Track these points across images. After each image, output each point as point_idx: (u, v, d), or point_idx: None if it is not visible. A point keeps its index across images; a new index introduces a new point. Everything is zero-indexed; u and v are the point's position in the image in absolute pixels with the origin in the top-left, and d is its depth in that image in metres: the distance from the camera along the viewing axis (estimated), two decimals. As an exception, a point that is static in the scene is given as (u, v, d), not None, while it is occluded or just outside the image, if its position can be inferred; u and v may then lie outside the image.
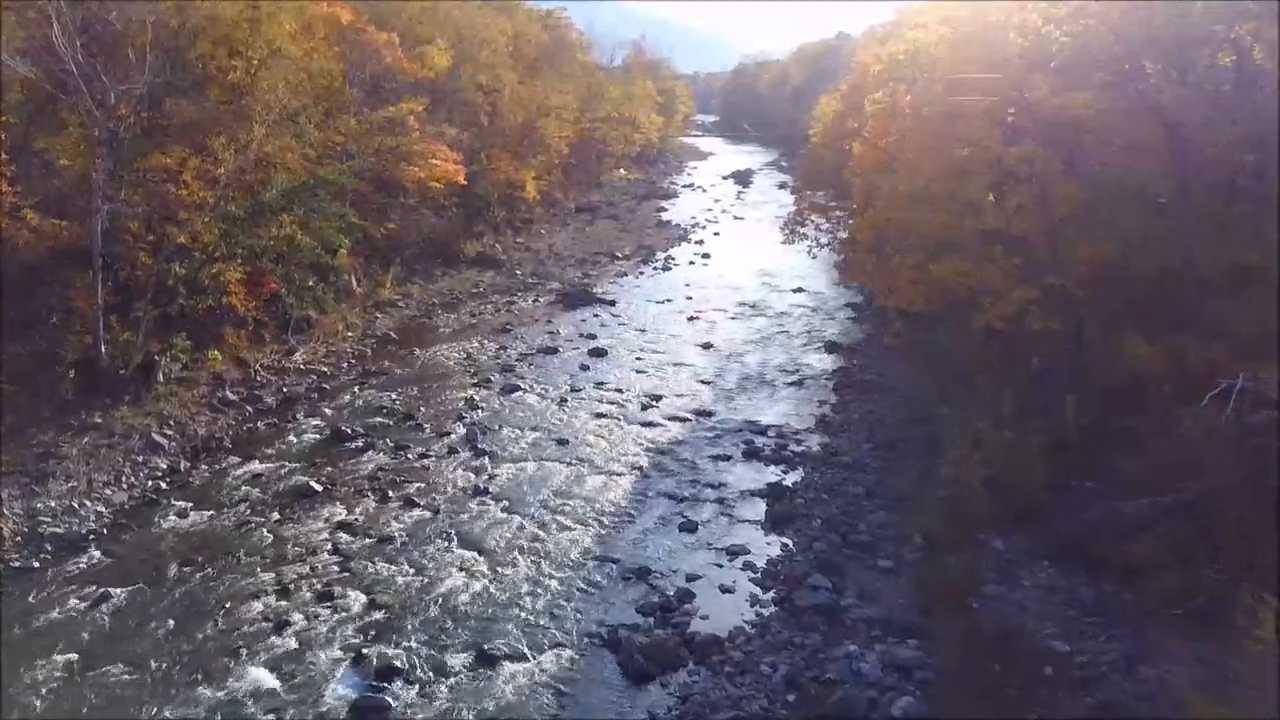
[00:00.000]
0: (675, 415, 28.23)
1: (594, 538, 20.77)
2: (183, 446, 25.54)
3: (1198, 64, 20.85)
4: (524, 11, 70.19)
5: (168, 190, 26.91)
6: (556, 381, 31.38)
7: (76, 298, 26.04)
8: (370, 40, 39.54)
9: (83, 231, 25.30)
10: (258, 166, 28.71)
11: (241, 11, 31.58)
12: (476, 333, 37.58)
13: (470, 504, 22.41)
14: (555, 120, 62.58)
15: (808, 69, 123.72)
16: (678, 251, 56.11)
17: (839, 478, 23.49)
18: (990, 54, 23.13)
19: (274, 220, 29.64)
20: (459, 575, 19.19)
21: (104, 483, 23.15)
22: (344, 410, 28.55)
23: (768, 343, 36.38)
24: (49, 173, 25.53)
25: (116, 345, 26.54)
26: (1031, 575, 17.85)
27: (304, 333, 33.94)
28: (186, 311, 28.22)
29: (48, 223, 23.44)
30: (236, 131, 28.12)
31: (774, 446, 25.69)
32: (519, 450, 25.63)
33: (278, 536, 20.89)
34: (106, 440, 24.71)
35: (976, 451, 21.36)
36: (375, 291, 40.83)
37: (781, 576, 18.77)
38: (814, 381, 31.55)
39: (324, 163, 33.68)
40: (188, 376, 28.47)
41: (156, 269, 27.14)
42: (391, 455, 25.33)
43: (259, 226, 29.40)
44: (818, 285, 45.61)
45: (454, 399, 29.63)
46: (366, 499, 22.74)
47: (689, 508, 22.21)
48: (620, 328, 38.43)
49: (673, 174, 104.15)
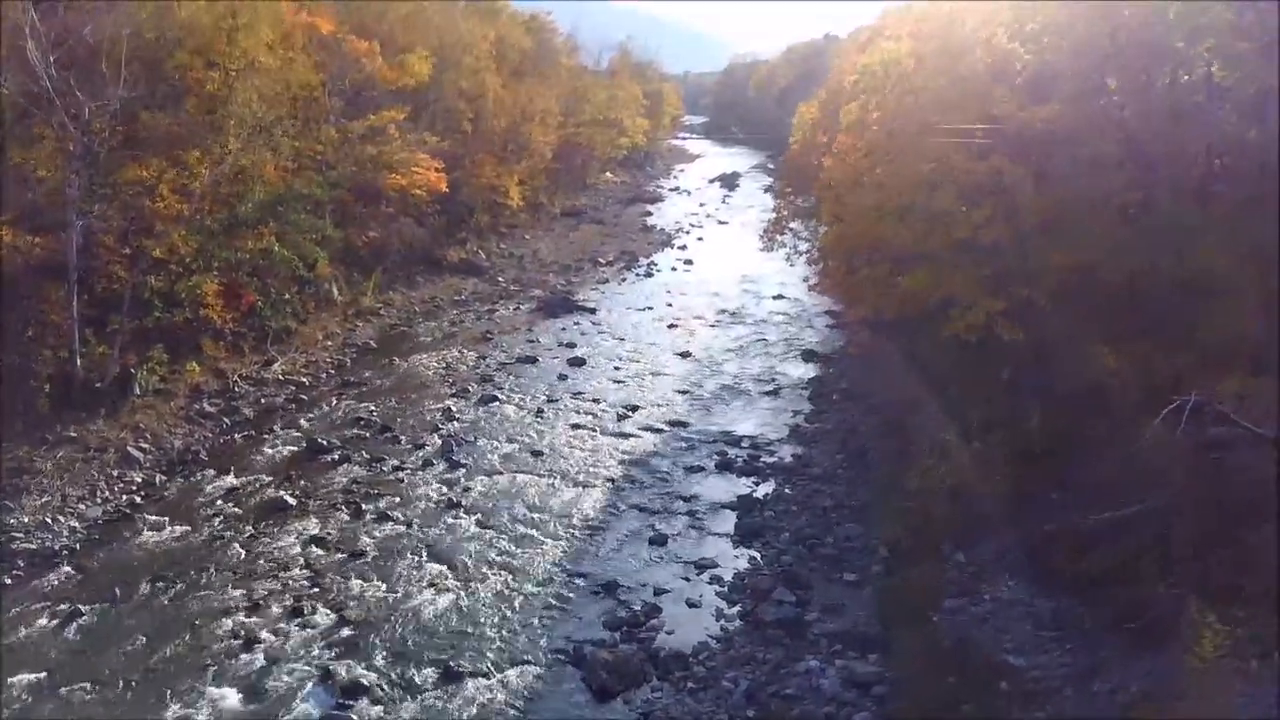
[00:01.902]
0: (651, 426, 28.43)
1: (564, 552, 20.96)
2: (158, 460, 25.65)
3: (1158, 81, 21.11)
4: (508, 15, 70.28)
5: (143, 203, 27.03)
6: (534, 392, 31.55)
7: (52, 311, 26.12)
8: (351, 49, 39.66)
9: (58, 246, 25.40)
10: (233, 179, 28.78)
11: (219, 21, 31.73)
12: (457, 341, 37.72)
13: (443, 518, 22.58)
14: (539, 125, 62.74)
15: (795, 71, 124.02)
16: (661, 257, 56.32)
17: (809, 489, 23.73)
18: (957, 69, 23.40)
19: (250, 233, 29.70)
20: (428, 591, 19.36)
21: (78, 497, 23.26)
22: (321, 422, 28.67)
23: (746, 351, 36.62)
24: (24, 187, 25.56)
25: (92, 358, 26.64)
26: (992, 588, 18.08)
27: (283, 343, 34.03)
28: (163, 324, 28.32)
29: (22, 239, 23.47)
30: (212, 144, 28.18)
31: (747, 458, 25.91)
32: (494, 462, 25.80)
33: (250, 552, 21.02)
34: (82, 454, 24.82)
35: (943, 462, 21.65)
36: (356, 300, 40.91)
37: (748, 590, 19.00)
38: (790, 391, 31.79)
39: (301, 174, 33.74)
40: (165, 388, 28.58)
41: (133, 282, 27.23)
42: (367, 468, 25.47)
43: (235, 239, 29.46)
44: (798, 291, 45.72)
45: (431, 410, 29.78)
46: (339, 513, 22.88)
47: (660, 520, 22.41)
48: (600, 336, 38.61)
49: (660, 177, 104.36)
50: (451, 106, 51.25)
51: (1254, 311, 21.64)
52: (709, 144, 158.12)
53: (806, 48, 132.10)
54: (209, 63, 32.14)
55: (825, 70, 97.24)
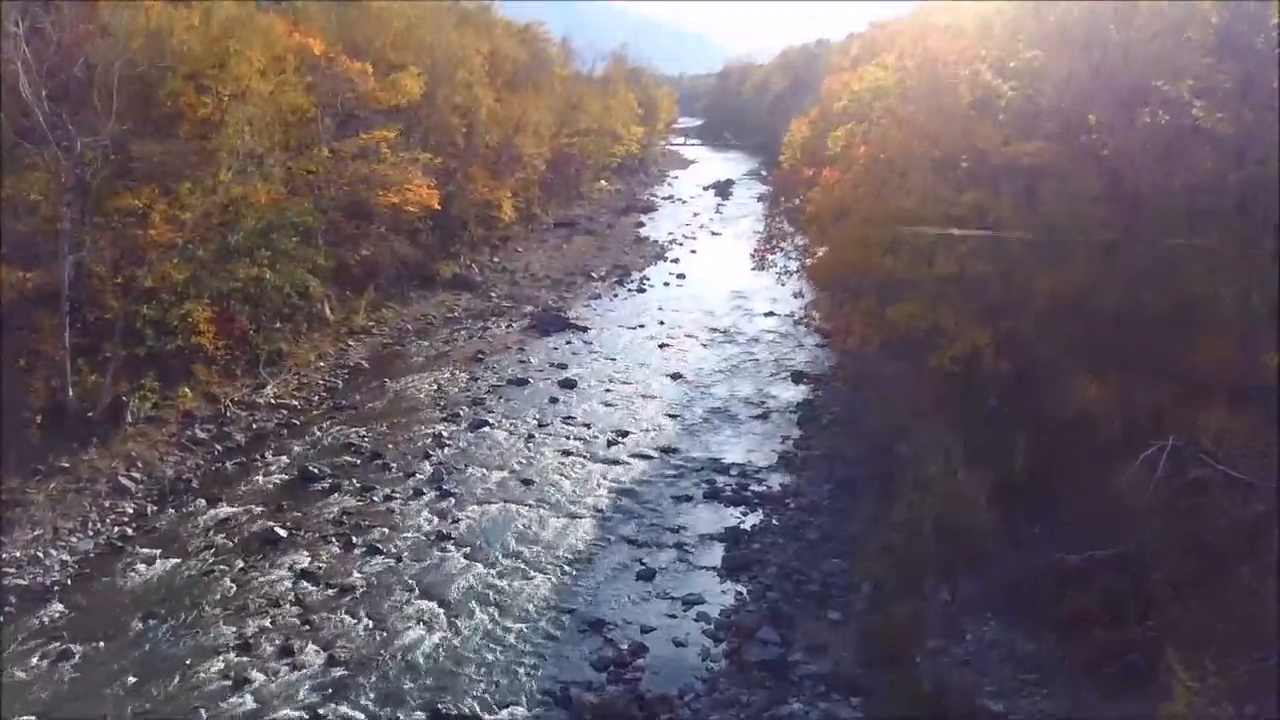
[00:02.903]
0: (640, 452, 28.63)
1: (552, 587, 21.16)
2: (150, 489, 25.78)
3: (1139, 120, 21.35)
4: (502, 27, 70.40)
5: (135, 232, 27.16)
6: (525, 416, 31.73)
7: (44, 341, 26.24)
8: (343, 69, 39.75)
9: (50, 277, 25.52)
10: (225, 208, 28.92)
11: (211, 47, 31.88)
12: (448, 362, 37.88)
13: (433, 551, 22.75)
14: (533, 136, 62.90)
15: (788, 77, 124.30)
16: (653, 271, 56.51)
17: (796, 520, 23.96)
18: (942, 103, 23.65)
19: (242, 261, 29.86)
20: (418, 629, 19.54)
21: (70, 530, 23.39)
22: (313, 448, 28.83)
23: (736, 372, 36.84)
24: (16, 218, 25.68)
25: (84, 387, 26.77)
26: (975, 627, 18.31)
27: (276, 365, 34.13)
28: (155, 352, 28.44)
29: (14, 274, 23.60)
30: (204, 175, 28.32)
31: (735, 486, 26.14)
32: (484, 491, 25.98)
33: (241, 586, 21.18)
34: (74, 485, 24.96)
35: (927, 495, 21.84)
36: (349, 318, 41.07)
37: (734, 628, 19.21)
38: (779, 415, 32.02)
39: (293, 199, 33.87)
40: (157, 415, 28.71)
41: (125, 311, 27.35)
42: (357, 497, 25.64)
43: (227, 268, 29.61)
44: (788, 307, 45.91)
45: (422, 435, 29.95)
46: (330, 545, 23.04)
47: (648, 553, 22.62)
48: (591, 356, 38.80)
49: (654, 185, 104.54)
50: (444, 121, 51.34)
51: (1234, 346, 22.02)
52: (703, 148, 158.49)
53: (799, 53, 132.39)
54: (201, 88, 32.28)
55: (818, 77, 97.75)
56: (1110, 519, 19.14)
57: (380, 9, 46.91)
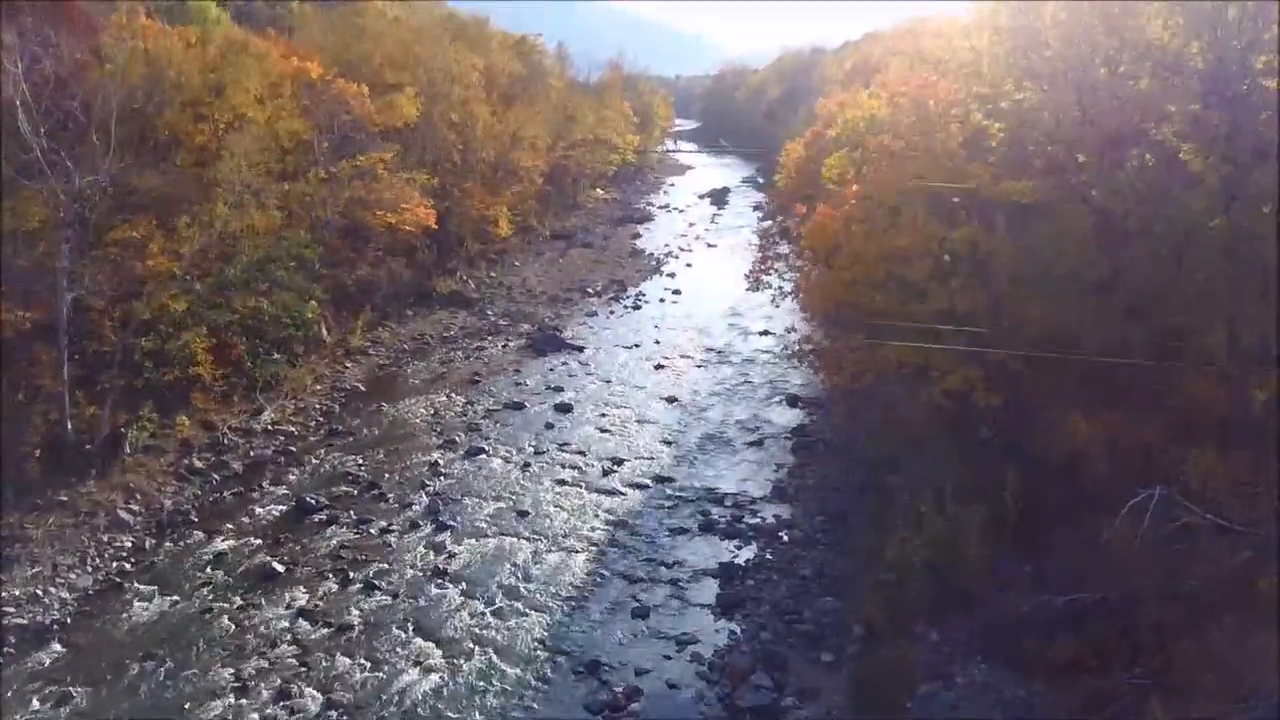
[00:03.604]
0: (636, 481, 28.84)
1: (548, 626, 21.36)
2: (148, 522, 25.96)
3: (1127, 162, 21.60)
4: (498, 40, 70.58)
5: (134, 265, 27.34)
6: (521, 443, 31.92)
7: (42, 375, 26.42)
8: (339, 92, 39.94)
9: (49, 313, 25.69)
10: (223, 240, 29.10)
11: (208, 77, 32.08)
12: (445, 384, 38.07)
13: (429, 587, 22.95)
14: (529, 150, 63.11)
15: (783, 84, 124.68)
16: (649, 286, 56.72)
17: (790, 555, 24.19)
18: (932, 142, 23.90)
19: (239, 293, 30.06)
20: (414, 670, 19.74)
21: (69, 566, 23.57)
22: (310, 477, 29.02)
23: (731, 395, 37.06)
24: (14, 253, 25.85)
25: (83, 419, 26.97)
26: (964, 671, 18.54)
27: (272, 389, 34.26)
28: (153, 383, 28.61)
29: (13, 313, 23.77)
30: (202, 208, 28.52)
31: (730, 518, 26.36)
32: (480, 523, 26.17)
33: (239, 625, 21.37)
34: (72, 519, 25.14)
35: (918, 534, 22.10)
36: (345, 339, 41.24)
37: (727, 670, 19.42)
38: (773, 441, 32.23)
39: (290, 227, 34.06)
40: (155, 445, 28.91)
41: (123, 343, 27.53)
42: (354, 529, 25.83)
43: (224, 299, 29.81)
44: (783, 325, 46.03)
45: (419, 463, 30.14)
46: (328, 581, 23.23)
47: (643, 590, 22.83)
48: (587, 378, 39.00)
49: (650, 193, 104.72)
50: (441, 139, 51.53)
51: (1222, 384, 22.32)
52: (699, 154, 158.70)
53: (794, 60, 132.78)
54: (198, 116, 32.50)
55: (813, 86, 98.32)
56: (1099, 560, 19.41)
57: (377, 28, 47.07)
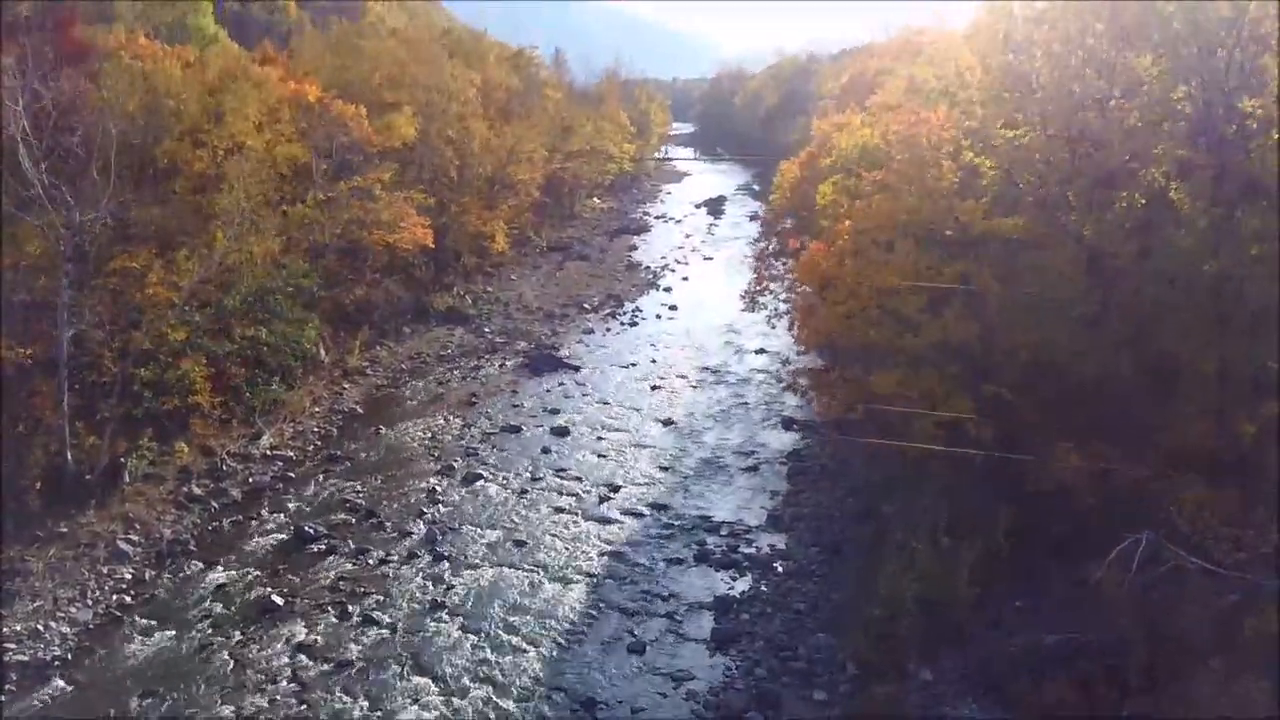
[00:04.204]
0: (632, 509, 29.06)
1: (545, 661, 21.58)
2: (148, 552, 26.12)
3: (1116, 203, 21.89)
4: (495, 54, 70.83)
5: (133, 295, 27.54)
6: (518, 468, 32.13)
7: (42, 406, 26.59)
8: (338, 114, 40.15)
9: (49, 344, 25.89)
10: (222, 271, 29.30)
11: (206, 104, 32.29)
12: (442, 406, 38.27)
13: (428, 621, 23.15)
14: (526, 164, 63.35)
15: (779, 91, 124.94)
16: (646, 301, 56.96)
17: (784, 587, 24.43)
18: (925, 179, 24.18)
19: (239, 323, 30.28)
20: (413, 708, 19.96)
21: (69, 599, 23.75)
22: (308, 505, 29.20)
23: (727, 418, 37.29)
24: (14, 288, 26.04)
25: (83, 450, 27.17)
26: (955, 711, 18.80)
27: (271, 413, 34.44)
28: (153, 411, 28.80)
29: (14, 349, 23.96)
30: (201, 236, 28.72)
31: (725, 548, 26.58)
32: (477, 554, 26.38)
33: (238, 661, 21.56)
34: (72, 551, 25.32)
35: (910, 569, 22.35)
36: (343, 359, 41.46)
37: (721, 709, 19.65)
38: (769, 466, 32.47)
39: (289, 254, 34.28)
40: (154, 472, 29.13)
41: (122, 373, 27.72)
42: (353, 560, 26.02)
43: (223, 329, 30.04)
44: (779, 344, 46.23)
45: (416, 490, 30.35)
46: (327, 614, 23.41)
47: (639, 623, 23.05)
48: (584, 399, 39.23)
49: (646, 201, 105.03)
50: (439, 155, 51.73)
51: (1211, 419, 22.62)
52: (696, 159, 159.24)
53: (790, 66, 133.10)
54: (197, 142, 32.70)
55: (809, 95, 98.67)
56: (1089, 599, 19.67)
57: (375, 49, 47.28)
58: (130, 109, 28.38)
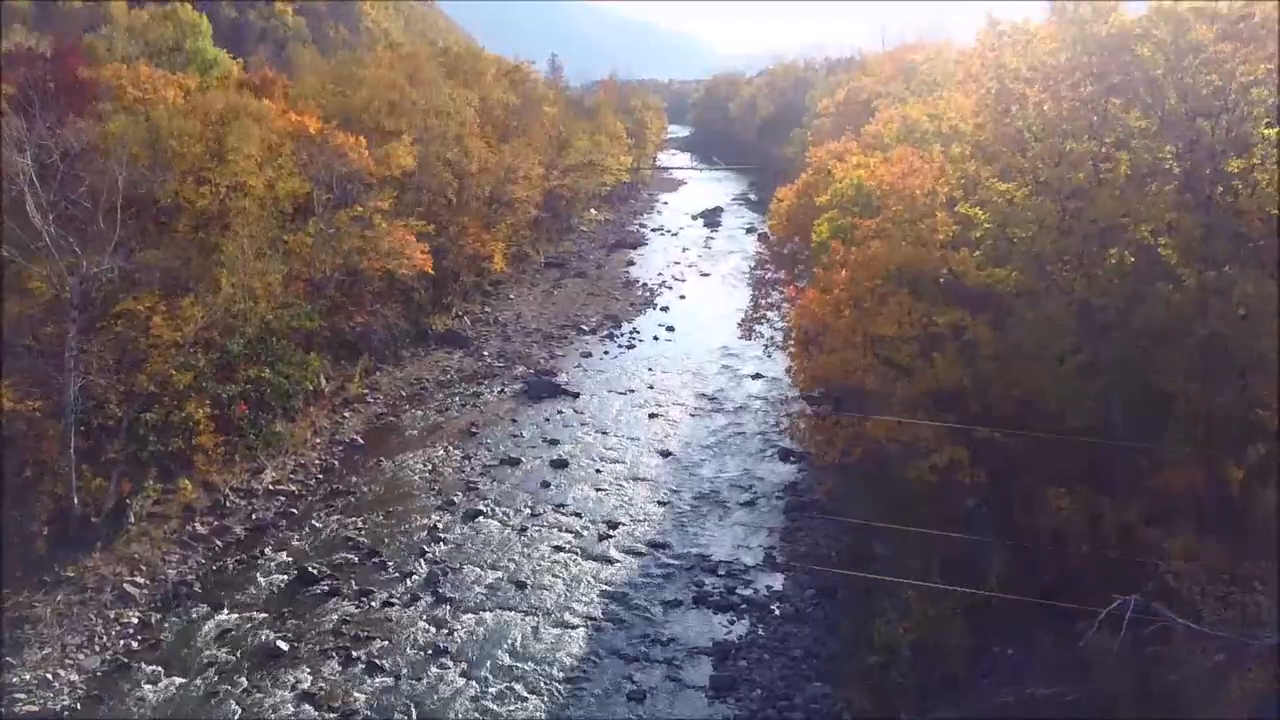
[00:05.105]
0: (630, 548, 29.46)
1: (547, 711, 21.98)
2: (153, 595, 26.48)
3: (1107, 257, 22.32)
4: (492, 70, 71.14)
5: (138, 340, 27.89)
6: (518, 503, 32.52)
7: (49, 450, 26.89)
8: (338, 145, 40.47)
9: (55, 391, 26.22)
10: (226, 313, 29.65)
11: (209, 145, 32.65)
12: (442, 436, 38.64)
13: (431, 667, 23.54)
14: (524, 182, 63.73)
15: (775, 101, 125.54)
16: (643, 321, 57.36)
17: (781, 632, 24.87)
18: (919, 230, 24.61)
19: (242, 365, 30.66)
20: (417, 761, 20.36)
21: (77, 646, 24.11)
22: (310, 543, 29.57)
23: (724, 447, 37.72)
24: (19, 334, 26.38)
25: (89, 492, 27.49)
26: (949, 765, 19.23)
27: (273, 445, 34.74)
28: (157, 453, 29.14)
29: (23, 403, 24.31)
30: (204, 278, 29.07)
31: (723, 589, 27.01)
32: (479, 596, 26.76)
33: (244, 710, 21.96)
34: (79, 595, 25.67)
35: (905, 617, 22.80)
36: (344, 386, 41.83)
37: (719, 763, 20.08)
38: (765, 500, 32.90)
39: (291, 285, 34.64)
40: (158, 511, 29.50)
41: (128, 416, 28.05)
42: (356, 602, 26.39)
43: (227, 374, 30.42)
44: (775, 369, 46.62)
45: (417, 527, 30.72)
46: (331, 660, 23.78)
47: (639, 670, 23.46)
48: (582, 429, 39.61)
49: (643, 213, 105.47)
50: (437, 178, 52.04)
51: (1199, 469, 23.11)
52: (692, 165, 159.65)
53: (785, 76, 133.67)
54: (199, 180, 33.06)
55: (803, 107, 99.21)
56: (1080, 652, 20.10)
57: (374, 77, 47.63)
58: (134, 151, 28.66)
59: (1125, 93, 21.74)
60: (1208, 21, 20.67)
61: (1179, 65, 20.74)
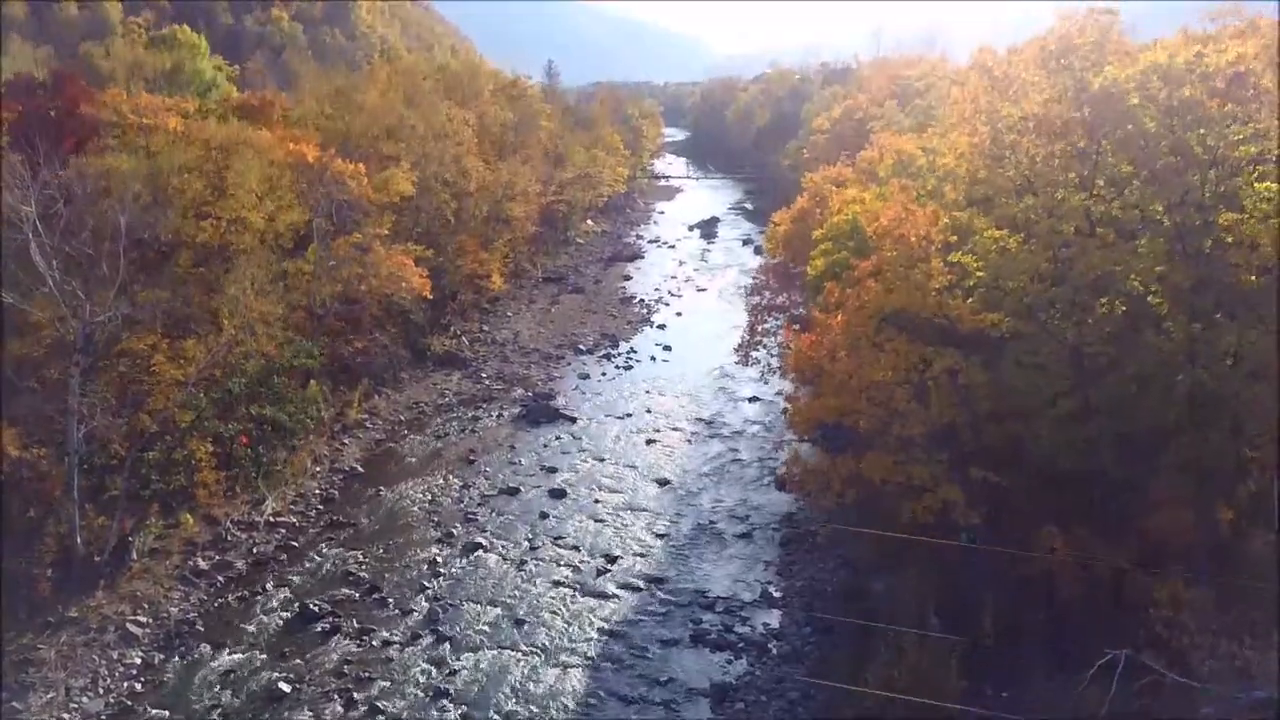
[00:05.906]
0: (628, 583, 29.73)
1: (546, 757, 22.27)
2: (156, 634, 26.70)
3: (1098, 307, 22.64)
4: (490, 87, 71.38)
5: (140, 380, 28.13)
6: (516, 535, 32.78)
7: (52, 490, 27.13)
8: (337, 173, 40.71)
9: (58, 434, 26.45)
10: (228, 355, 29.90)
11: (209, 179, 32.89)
12: (441, 464, 38.88)
13: (431, 711, 23.79)
14: (521, 198, 64.03)
15: (771, 109, 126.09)
16: (640, 340, 57.64)
17: (778, 673, 25.16)
18: (913, 275, 24.92)
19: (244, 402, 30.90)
20: (419, 810, 20.62)
21: (81, 689, 24.33)
22: (312, 577, 29.80)
23: (721, 476, 38.01)
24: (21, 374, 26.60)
25: (91, 531, 27.72)
26: (943, 815, 19.53)
27: (273, 476, 34.96)
28: (159, 491, 29.38)
29: (27, 450, 24.52)
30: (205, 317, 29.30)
31: (720, 627, 27.29)
32: (479, 633, 27.02)
33: (248, 757, 22.20)
34: (83, 636, 25.89)
35: (899, 661, 23.09)
36: (343, 412, 42.02)
37: (717, 812, 20.36)
38: (762, 532, 33.20)
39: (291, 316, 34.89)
40: (160, 547, 29.73)
41: (130, 456, 28.28)
42: (357, 640, 26.62)
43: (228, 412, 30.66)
44: (771, 391, 46.95)
45: (417, 561, 30.96)
46: (333, 703, 24.02)
47: (638, 712, 23.74)
48: (580, 455, 39.87)
49: (640, 223, 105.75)
50: (436, 196, 52.30)
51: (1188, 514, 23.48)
52: (688, 170, 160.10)
53: (781, 84, 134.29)
54: (200, 214, 33.30)
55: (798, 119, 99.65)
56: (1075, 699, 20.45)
57: (373, 103, 47.87)
58: (136, 190, 28.89)
59: (1119, 146, 22.06)
60: (1199, 79, 21.00)
61: (1171, 122, 21.07)
